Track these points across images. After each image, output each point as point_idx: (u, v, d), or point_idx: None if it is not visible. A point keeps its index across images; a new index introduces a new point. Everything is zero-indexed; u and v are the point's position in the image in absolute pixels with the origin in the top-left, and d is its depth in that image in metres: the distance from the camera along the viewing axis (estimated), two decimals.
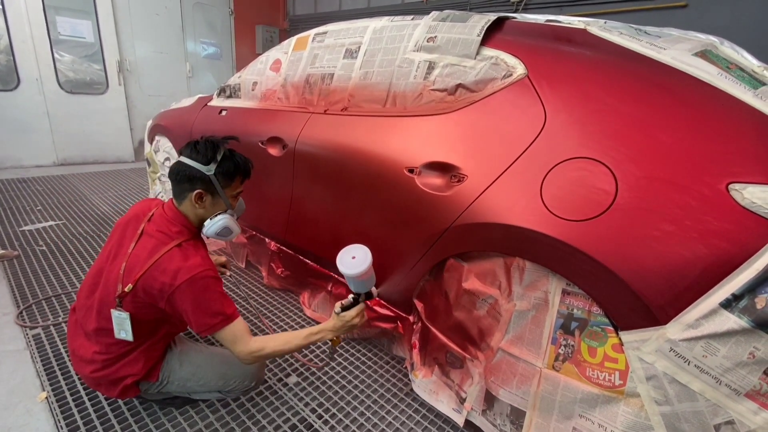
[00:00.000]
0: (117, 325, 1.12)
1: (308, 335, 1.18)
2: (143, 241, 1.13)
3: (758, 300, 0.75)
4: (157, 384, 1.24)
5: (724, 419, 0.81)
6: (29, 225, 2.94)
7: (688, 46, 1.05)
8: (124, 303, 1.10)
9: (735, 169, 0.82)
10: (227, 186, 1.19)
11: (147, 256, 1.10)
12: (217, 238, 1.22)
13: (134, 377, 1.18)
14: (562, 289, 1.00)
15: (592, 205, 0.92)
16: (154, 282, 1.07)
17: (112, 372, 1.17)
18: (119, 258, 1.15)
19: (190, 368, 1.26)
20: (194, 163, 1.13)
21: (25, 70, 4.43)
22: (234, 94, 2.33)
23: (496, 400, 1.13)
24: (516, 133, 1.10)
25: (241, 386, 1.30)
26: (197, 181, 1.14)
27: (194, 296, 1.07)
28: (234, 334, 1.11)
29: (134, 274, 1.09)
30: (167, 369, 1.24)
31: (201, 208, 1.18)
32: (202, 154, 1.14)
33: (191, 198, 1.15)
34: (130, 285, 1.08)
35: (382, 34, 1.57)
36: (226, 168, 1.16)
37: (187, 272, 1.06)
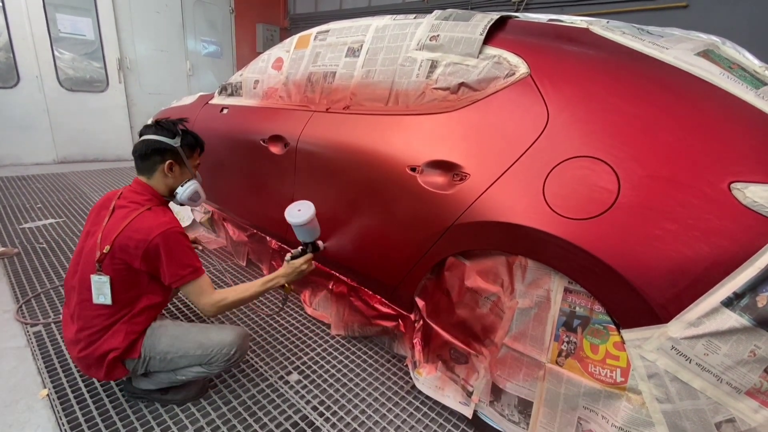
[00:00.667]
0: (96, 290, 1.18)
1: (264, 282, 1.35)
2: (116, 214, 1.25)
3: (759, 298, 0.76)
4: (141, 361, 1.26)
5: (725, 417, 0.81)
6: (29, 223, 2.93)
7: (691, 45, 1.06)
8: (103, 266, 1.19)
9: (737, 168, 0.82)
10: (190, 156, 1.36)
11: (120, 221, 1.20)
12: (189, 203, 1.38)
13: (116, 351, 1.20)
14: (564, 287, 1.01)
15: (594, 203, 0.92)
16: (129, 240, 1.17)
17: (96, 349, 1.21)
18: (95, 233, 1.24)
19: (168, 340, 1.28)
20: (162, 138, 1.28)
21: (25, 68, 4.42)
22: (235, 92, 2.33)
23: (504, 392, 1.14)
24: (518, 131, 1.10)
25: (221, 355, 1.28)
26: (167, 153, 1.29)
27: (167, 248, 1.18)
28: (200, 286, 1.24)
29: (110, 237, 1.19)
30: (148, 343, 1.26)
31: (171, 178, 1.33)
32: (168, 129, 1.31)
33: (162, 169, 1.30)
34: (107, 246, 1.18)
35: (384, 32, 1.58)
36: (189, 141, 1.35)
37: (159, 228, 1.18)
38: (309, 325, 1.88)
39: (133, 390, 1.36)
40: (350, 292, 1.73)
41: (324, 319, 1.89)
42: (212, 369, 1.31)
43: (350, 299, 1.73)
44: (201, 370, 1.31)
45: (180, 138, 1.31)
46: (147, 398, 1.36)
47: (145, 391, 1.35)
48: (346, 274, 1.72)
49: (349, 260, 1.66)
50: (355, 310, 1.72)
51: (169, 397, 1.37)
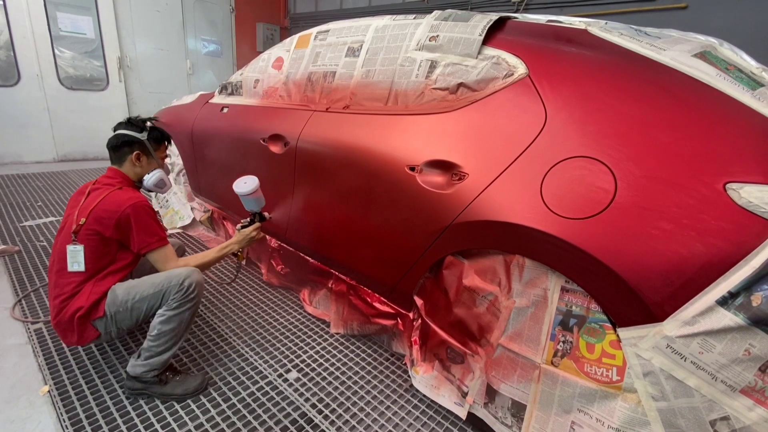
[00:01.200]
0: (71, 259, 1.32)
1: (219, 249, 1.54)
2: (91, 195, 1.40)
3: (754, 298, 0.76)
4: (108, 319, 1.33)
5: (719, 415, 0.82)
6: (30, 221, 2.94)
7: (688, 47, 1.06)
8: (78, 237, 1.32)
9: (732, 168, 0.83)
10: (157, 149, 1.54)
11: (96, 199, 1.36)
12: (156, 189, 1.54)
13: (81, 311, 1.30)
14: (561, 286, 1.01)
15: (591, 203, 0.93)
16: (103, 212, 1.33)
17: (65, 312, 1.31)
18: (72, 214, 1.38)
19: (124, 289, 1.35)
20: (131, 132, 1.47)
21: (25, 66, 4.42)
22: (236, 91, 2.34)
23: (498, 393, 1.15)
24: (517, 132, 1.11)
25: (173, 287, 1.31)
26: (135, 145, 1.47)
27: (136, 218, 1.34)
28: (165, 254, 1.40)
29: (87, 211, 1.34)
30: (110, 300, 1.34)
31: (139, 167, 1.50)
32: (136, 125, 1.49)
33: (131, 159, 1.47)
34: (83, 219, 1.33)
35: (384, 32, 1.58)
36: (155, 135, 1.53)
37: (129, 201, 1.35)
38: (308, 324, 1.89)
39: (132, 386, 1.37)
40: (349, 291, 1.73)
41: (323, 317, 1.90)
42: (175, 309, 1.32)
43: (350, 298, 1.74)
44: (164, 313, 1.32)
45: (147, 132, 1.50)
46: (147, 393, 1.37)
47: (144, 384, 1.36)
48: (346, 272, 1.72)
49: (348, 259, 1.67)
50: (354, 308, 1.73)
51: (168, 390, 1.38)
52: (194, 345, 1.69)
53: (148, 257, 1.38)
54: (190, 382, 1.41)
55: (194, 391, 1.40)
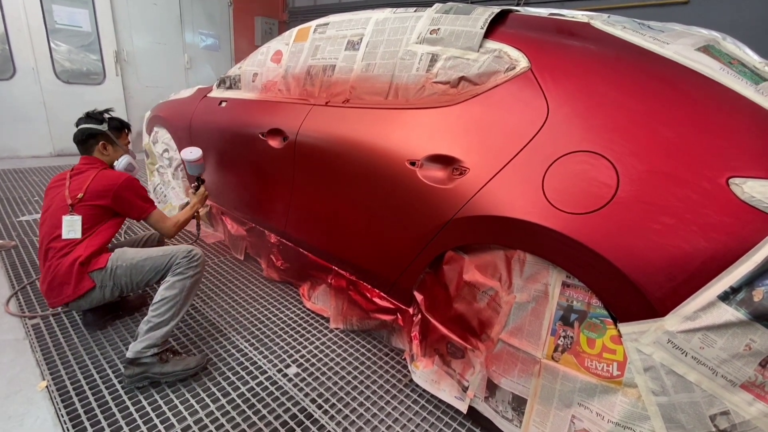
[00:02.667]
0: (67, 228, 1.45)
1: (190, 208, 1.82)
2: (75, 178, 1.55)
3: (756, 293, 0.76)
4: (106, 272, 1.46)
5: (719, 410, 0.82)
6: (26, 215, 2.92)
7: (691, 41, 1.06)
8: (75, 208, 1.48)
9: (735, 163, 0.83)
10: (119, 137, 1.69)
11: (85, 179, 1.53)
12: (126, 172, 1.66)
13: (80, 259, 1.42)
14: (563, 281, 1.01)
15: (593, 198, 0.92)
16: (101, 186, 1.52)
17: (61, 266, 1.42)
18: (61, 193, 1.51)
19: (133, 251, 1.53)
20: (92, 125, 1.61)
21: (20, 60, 4.37)
22: (234, 85, 2.32)
23: (498, 388, 1.15)
24: (518, 126, 1.10)
25: (181, 253, 1.48)
26: (98, 136, 1.62)
27: (132, 190, 1.58)
28: (161, 214, 1.66)
29: (82, 188, 1.50)
30: (116, 255, 1.50)
31: (106, 155, 1.65)
32: (95, 118, 1.63)
33: (99, 148, 1.62)
34: (81, 194, 1.49)
35: (384, 25, 1.57)
36: (114, 124, 1.68)
37: (121, 176, 1.58)
38: (308, 319, 1.89)
39: (131, 372, 1.35)
40: (349, 286, 1.73)
41: (323, 312, 1.90)
42: (179, 275, 1.45)
43: (349, 293, 1.74)
44: (169, 279, 1.45)
45: (107, 123, 1.64)
46: (147, 376, 1.37)
47: (144, 366, 1.36)
48: (345, 267, 1.72)
49: (348, 253, 1.66)
50: (353, 303, 1.73)
51: (169, 369, 1.39)
52: (193, 340, 1.68)
53: (148, 220, 1.61)
54: (189, 360, 1.44)
55: (195, 367, 1.44)
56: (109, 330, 1.69)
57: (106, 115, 1.66)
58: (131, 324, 1.75)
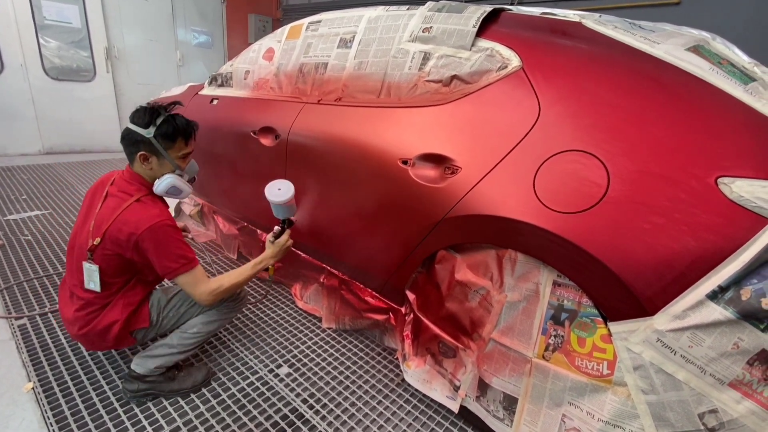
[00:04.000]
0: (87, 277, 1.22)
1: (254, 265, 1.37)
2: (107, 201, 1.25)
3: (743, 292, 0.77)
4: (152, 327, 1.31)
5: (708, 408, 0.82)
6: (14, 214, 2.87)
7: (681, 41, 1.06)
8: (94, 256, 1.21)
9: (724, 163, 0.83)
10: (169, 147, 1.26)
11: (111, 212, 1.21)
12: (169, 196, 1.31)
13: (118, 323, 1.24)
14: (553, 280, 1.01)
15: (584, 197, 0.92)
16: (119, 233, 1.18)
17: (96, 324, 1.24)
18: (89, 219, 1.26)
19: (178, 296, 1.35)
20: (136, 128, 1.22)
21: (9, 56, 4.30)
22: (226, 82, 2.30)
23: (490, 387, 1.15)
24: (510, 125, 1.10)
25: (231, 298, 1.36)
26: (140, 144, 1.23)
27: (156, 242, 1.18)
28: (195, 276, 1.23)
29: (102, 228, 1.20)
30: (156, 307, 1.32)
31: (149, 169, 1.27)
32: (141, 118, 1.23)
33: (138, 160, 1.25)
34: (98, 238, 1.20)
35: (377, 23, 1.56)
36: (165, 130, 1.23)
37: (147, 221, 1.17)
38: (300, 318, 1.88)
39: (135, 388, 1.31)
40: (341, 286, 1.72)
41: (315, 312, 1.89)
42: (224, 313, 1.37)
43: (341, 292, 1.73)
44: (212, 314, 1.35)
45: (155, 128, 1.21)
46: (153, 392, 1.33)
47: (151, 384, 1.32)
48: (337, 266, 1.71)
49: (340, 253, 1.65)
50: (346, 303, 1.72)
51: (177, 386, 1.36)
52: None
53: (176, 282, 1.24)
54: (196, 374, 1.41)
55: (203, 381, 1.41)
56: None
57: (163, 115, 1.24)
58: None
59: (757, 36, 3.03)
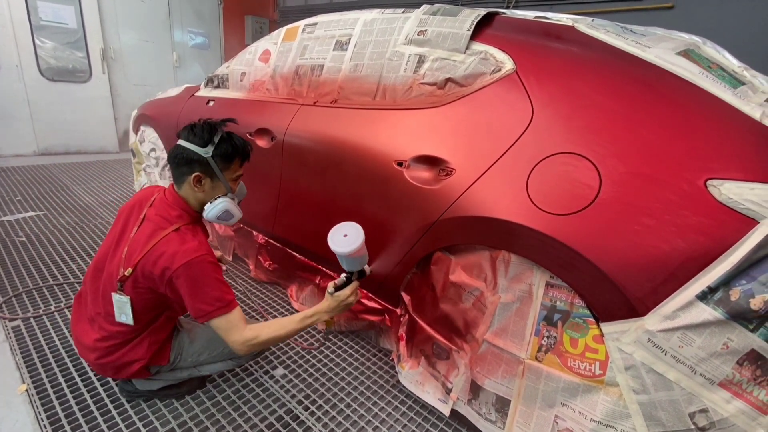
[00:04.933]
0: (118, 309, 1.13)
1: (303, 318, 1.18)
2: (144, 226, 1.14)
3: (732, 292, 0.78)
4: (169, 365, 1.26)
5: (698, 407, 0.83)
6: (8, 215, 2.86)
7: (672, 45, 1.07)
8: (125, 287, 1.11)
9: (713, 165, 0.84)
10: (226, 169, 1.17)
11: (146, 240, 1.10)
12: (219, 222, 1.21)
13: (141, 362, 1.18)
14: (546, 281, 1.02)
15: (576, 199, 0.93)
16: (153, 267, 1.07)
17: (117, 358, 1.17)
18: (122, 243, 1.16)
19: (201, 342, 1.29)
20: (192, 146, 1.12)
21: (4, 57, 4.28)
22: (222, 84, 2.30)
23: (482, 389, 1.15)
24: (504, 127, 1.11)
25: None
26: (195, 164, 1.13)
27: (191, 281, 1.06)
28: (230, 321, 1.10)
29: (134, 258, 1.10)
30: (178, 348, 1.27)
31: (200, 192, 1.17)
32: (199, 136, 1.13)
33: (190, 182, 1.14)
34: (129, 269, 1.09)
35: (372, 26, 1.57)
36: (224, 150, 1.14)
37: (184, 256, 1.05)
38: None
39: (134, 390, 1.31)
40: None
41: None
42: (240, 362, 1.37)
43: None
44: (230, 364, 1.34)
45: (213, 147, 1.12)
46: (148, 396, 1.33)
47: (151, 391, 1.32)
48: (333, 268, 1.71)
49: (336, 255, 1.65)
50: None
51: (174, 391, 1.35)
52: None
53: (212, 326, 1.11)
54: (193, 379, 1.39)
55: (197, 386, 1.40)
56: None
57: (217, 136, 1.14)
58: None
59: (747, 40, 3.06)
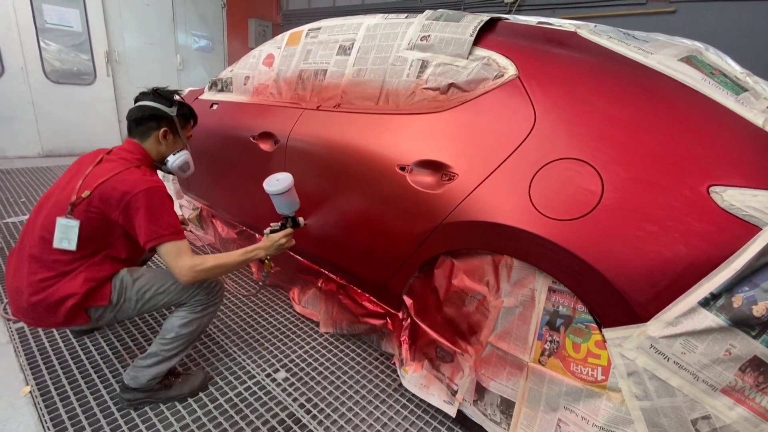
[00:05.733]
0: (61, 234, 1.14)
1: (243, 253, 1.30)
2: (103, 165, 1.22)
3: (735, 299, 0.78)
4: (111, 307, 1.21)
5: (700, 414, 0.83)
6: (12, 217, 2.88)
7: (674, 51, 1.08)
8: (75, 211, 1.15)
9: (716, 172, 0.84)
10: (184, 127, 1.39)
11: (107, 172, 1.18)
12: (179, 173, 1.40)
13: (75, 298, 1.14)
14: (549, 286, 1.02)
15: (578, 205, 0.94)
16: (113, 191, 1.15)
17: (50, 294, 1.14)
18: (76, 178, 1.20)
19: (144, 278, 1.25)
20: (160, 106, 1.31)
21: (9, 59, 4.32)
22: (226, 87, 2.31)
23: (487, 391, 1.15)
24: (506, 133, 1.12)
25: (205, 291, 1.27)
26: (162, 121, 1.31)
27: (150, 205, 1.15)
28: (179, 247, 1.18)
29: (93, 183, 1.16)
30: (120, 287, 1.22)
31: (164, 145, 1.34)
32: (166, 98, 1.34)
33: (157, 136, 1.31)
34: (87, 191, 1.15)
35: (375, 31, 1.58)
36: (185, 111, 1.38)
37: (146, 183, 1.16)
38: (297, 323, 1.88)
39: (132, 397, 1.31)
40: (339, 290, 1.73)
41: (312, 316, 1.89)
42: (199, 312, 1.27)
43: (339, 297, 1.73)
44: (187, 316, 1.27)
45: (177, 108, 1.34)
46: (151, 401, 1.32)
47: (148, 393, 1.31)
48: (335, 271, 1.72)
49: (338, 258, 1.66)
50: (343, 307, 1.73)
51: (175, 393, 1.35)
52: None
53: (158, 250, 1.16)
54: (193, 380, 1.40)
55: (200, 386, 1.40)
56: (95, 334, 1.67)
57: (177, 97, 1.37)
58: (117, 328, 1.72)
59: (749, 46, 3.06)
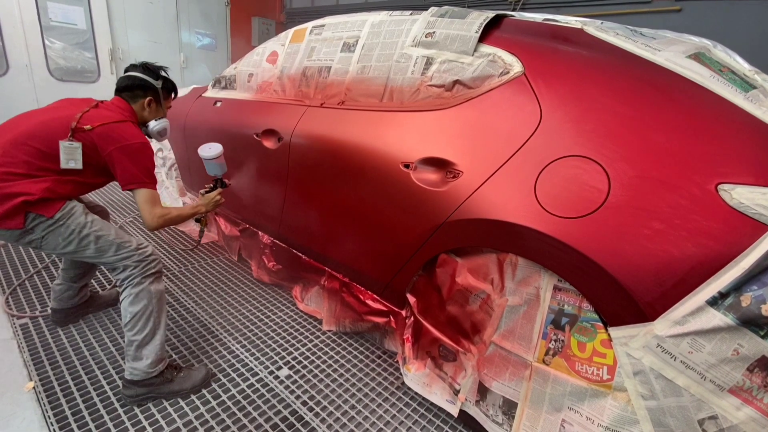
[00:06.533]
0: (67, 155, 1.26)
1: (191, 208, 1.54)
2: (102, 111, 1.35)
3: (743, 298, 0.77)
4: (49, 223, 1.23)
5: (707, 414, 0.82)
6: None
7: (682, 48, 1.07)
8: (75, 136, 1.27)
9: (724, 169, 0.83)
10: (166, 98, 1.57)
11: (110, 116, 1.34)
12: (157, 137, 1.57)
13: (28, 197, 1.19)
14: (554, 285, 1.01)
15: (584, 202, 0.93)
16: (114, 133, 1.30)
17: (8, 186, 1.19)
18: (65, 111, 1.31)
19: (94, 220, 1.32)
20: (148, 78, 1.47)
21: (14, 56, 4.33)
22: (229, 85, 2.31)
23: (489, 391, 1.15)
24: (512, 130, 1.11)
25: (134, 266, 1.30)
26: (149, 90, 1.48)
27: (139, 156, 1.33)
28: (154, 196, 1.36)
29: (96, 121, 1.29)
30: (68, 211, 1.27)
31: (147, 112, 1.50)
32: (153, 72, 1.50)
33: (143, 103, 1.48)
34: (89, 125, 1.28)
35: (380, 28, 1.57)
36: (169, 85, 1.56)
37: (142, 139, 1.36)
38: (300, 321, 1.88)
39: (135, 393, 1.31)
40: (342, 288, 1.72)
41: (315, 314, 1.89)
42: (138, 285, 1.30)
43: (342, 295, 1.73)
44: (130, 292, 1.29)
45: (162, 80, 1.51)
46: (153, 395, 1.33)
47: (150, 387, 1.32)
48: (338, 269, 1.71)
49: (341, 255, 1.66)
50: (346, 305, 1.72)
51: (177, 387, 1.36)
52: (184, 342, 1.67)
53: (137, 194, 1.32)
54: (195, 375, 1.41)
55: (202, 382, 1.41)
56: (98, 329, 1.67)
57: (163, 72, 1.54)
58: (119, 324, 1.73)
59: (757, 43, 3.04)
